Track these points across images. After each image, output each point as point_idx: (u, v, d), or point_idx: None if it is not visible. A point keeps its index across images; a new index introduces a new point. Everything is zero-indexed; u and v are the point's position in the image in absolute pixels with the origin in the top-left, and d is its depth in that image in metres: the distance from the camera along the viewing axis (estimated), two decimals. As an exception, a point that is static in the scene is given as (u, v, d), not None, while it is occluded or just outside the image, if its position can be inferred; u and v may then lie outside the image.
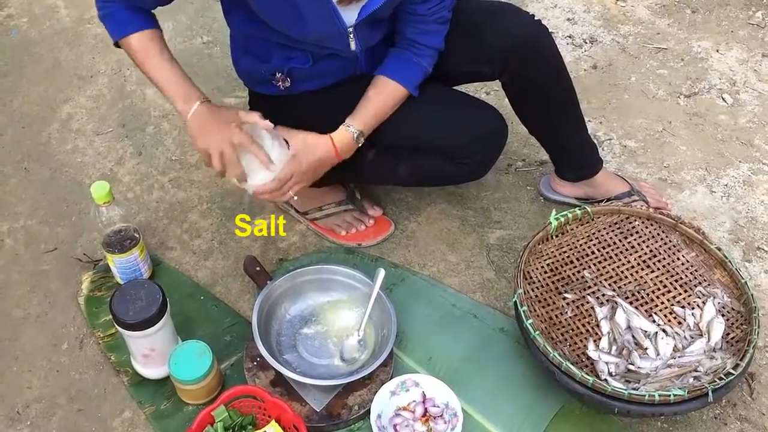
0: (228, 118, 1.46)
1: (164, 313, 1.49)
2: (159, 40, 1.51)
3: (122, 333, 1.51)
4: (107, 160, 2.13)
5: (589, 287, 1.62)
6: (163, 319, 1.48)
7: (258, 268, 1.72)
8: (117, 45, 1.53)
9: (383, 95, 1.58)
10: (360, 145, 1.59)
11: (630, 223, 1.71)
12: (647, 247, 1.67)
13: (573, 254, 1.67)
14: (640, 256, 1.66)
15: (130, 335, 1.49)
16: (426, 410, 1.51)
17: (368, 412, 1.49)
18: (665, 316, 1.56)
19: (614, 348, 1.51)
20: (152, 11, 1.53)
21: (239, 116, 1.47)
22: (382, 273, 1.62)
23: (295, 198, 1.60)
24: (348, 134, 1.56)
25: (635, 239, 1.68)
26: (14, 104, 2.32)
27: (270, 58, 1.59)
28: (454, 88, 1.74)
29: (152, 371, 1.57)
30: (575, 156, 1.83)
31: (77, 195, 2.03)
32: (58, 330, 1.72)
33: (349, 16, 1.46)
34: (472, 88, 2.26)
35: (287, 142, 1.52)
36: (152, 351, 1.52)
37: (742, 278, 1.56)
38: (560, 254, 1.67)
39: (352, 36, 1.51)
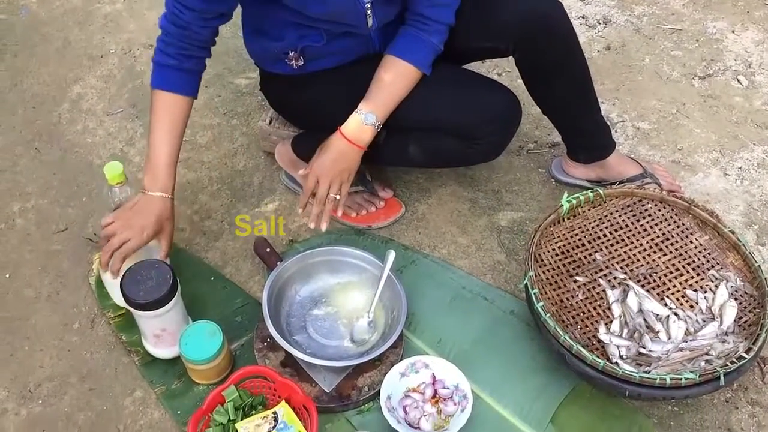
0: (158, 225, 1.54)
1: (175, 293, 1.49)
2: (181, 112, 1.57)
3: (133, 313, 1.51)
4: (117, 141, 2.13)
5: (601, 270, 1.61)
6: (174, 300, 1.49)
7: (268, 249, 1.72)
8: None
9: (394, 76, 1.56)
10: (378, 129, 1.57)
11: (643, 205, 1.70)
12: (660, 230, 1.66)
13: (584, 237, 1.66)
14: (652, 239, 1.65)
15: (141, 315, 1.49)
16: (436, 392, 1.51)
17: (378, 394, 1.49)
18: (677, 299, 1.55)
19: (625, 331, 1.50)
20: (200, 74, 1.60)
21: (163, 235, 1.57)
22: (392, 254, 1.62)
23: (337, 197, 1.61)
24: (357, 119, 1.55)
25: (648, 222, 1.67)
26: (24, 84, 2.32)
27: (283, 36, 1.57)
28: (467, 66, 1.72)
29: (163, 351, 1.58)
30: (588, 137, 1.81)
31: (88, 175, 2.03)
32: (69, 310, 1.72)
33: None
34: (483, 69, 2.24)
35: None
36: (163, 331, 1.53)
37: (756, 262, 1.55)
38: (572, 237, 1.66)
39: (369, 12, 1.50)
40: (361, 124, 1.54)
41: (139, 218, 1.53)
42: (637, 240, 1.65)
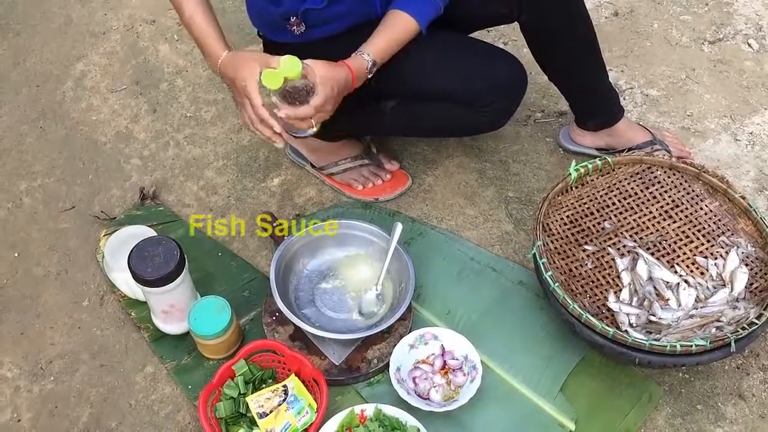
0: (253, 57, 1.46)
1: (182, 269, 1.49)
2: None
3: (142, 289, 1.52)
4: (122, 118, 2.12)
5: (610, 239, 1.60)
6: (182, 276, 1.49)
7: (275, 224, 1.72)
8: None
9: (393, 26, 1.53)
10: (371, 74, 1.54)
11: (652, 172, 1.68)
12: (669, 197, 1.64)
13: (593, 205, 1.65)
14: (662, 206, 1.63)
15: (149, 291, 1.50)
16: (445, 363, 1.51)
17: (387, 366, 1.50)
18: (687, 266, 1.54)
19: (635, 299, 1.49)
20: None
21: (266, 59, 1.45)
22: (399, 227, 1.61)
23: (314, 129, 1.51)
24: (361, 61, 1.52)
25: (657, 189, 1.65)
26: (28, 63, 2.31)
27: (282, 0, 1.55)
28: (473, 35, 1.70)
29: (172, 327, 1.58)
30: (596, 102, 1.79)
31: (93, 153, 2.03)
32: (78, 287, 1.73)
33: None
34: (489, 38, 2.21)
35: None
36: (172, 307, 1.53)
37: (767, 227, 1.53)
38: (580, 206, 1.65)
39: None
40: (365, 67, 1.51)
41: (236, 73, 1.45)
42: (647, 207, 1.63)
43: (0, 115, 2.16)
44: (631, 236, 1.59)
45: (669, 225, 1.60)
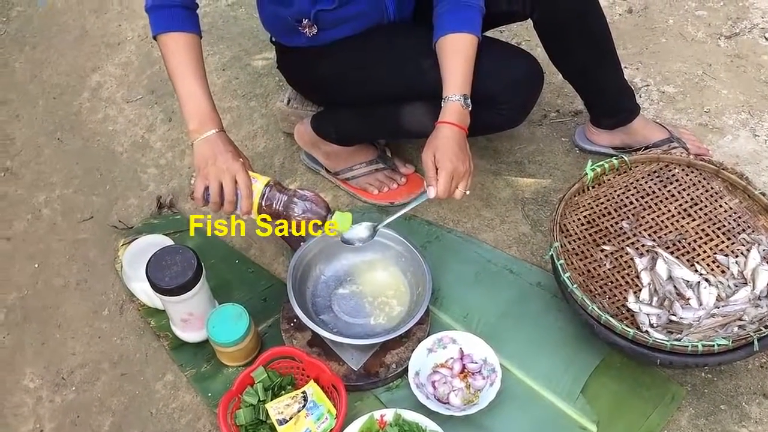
0: (236, 154, 1.42)
1: (200, 277, 1.49)
2: (195, 48, 1.46)
3: (160, 298, 1.52)
4: (138, 128, 2.14)
5: (628, 238, 1.58)
6: (199, 284, 1.49)
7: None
8: (155, 38, 1.49)
9: (457, 51, 1.50)
10: (470, 107, 1.50)
11: (669, 171, 1.66)
12: (688, 195, 1.62)
13: (610, 205, 1.63)
14: (680, 205, 1.61)
15: (167, 300, 1.50)
16: (464, 366, 1.50)
17: (406, 370, 1.49)
18: (708, 265, 1.52)
19: (655, 299, 1.48)
20: (197, 14, 1.49)
21: (245, 161, 1.44)
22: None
23: (467, 192, 1.52)
24: (452, 105, 1.49)
25: (675, 187, 1.64)
26: (44, 75, 2.34)
27: (293, 2, 1.55)
28: (487, 34, 1.69)
29: (191, 335, 1.59)
30: (611, 100, 1.77)
31: (110, 163, 2.05)
32: (98, 297, 1.74)
33: None
34: (502, 39, 2.20)
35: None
36: (190, 315, 1.54)
37: (788, 224, 1.51)
38: (597, 206, 1.63)
39: None
40: (461, 108, 1.49)
41: (219, 158, 1.39)
42: (665, 206, 1.62)
43: (18, 127, 2.19)
44: (649, 235, 1.58)
45: (688, 223, 1.59)
